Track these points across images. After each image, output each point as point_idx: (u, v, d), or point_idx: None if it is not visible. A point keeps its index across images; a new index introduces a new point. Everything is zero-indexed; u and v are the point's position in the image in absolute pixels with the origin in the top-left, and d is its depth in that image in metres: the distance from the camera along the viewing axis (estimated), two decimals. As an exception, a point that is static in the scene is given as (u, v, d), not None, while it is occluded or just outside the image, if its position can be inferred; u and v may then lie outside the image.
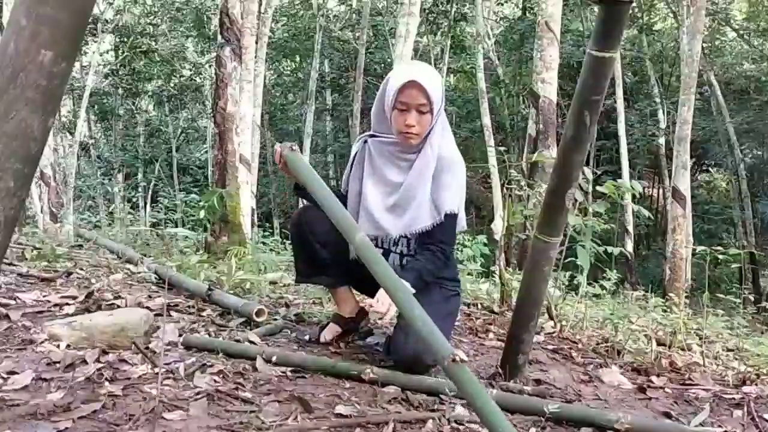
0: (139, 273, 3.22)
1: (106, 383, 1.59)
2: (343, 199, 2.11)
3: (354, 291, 2.34)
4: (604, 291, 3.55)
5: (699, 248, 3.09)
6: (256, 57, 8.07)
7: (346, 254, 2.14)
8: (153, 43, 17.50)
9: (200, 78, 18.41)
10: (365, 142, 2.15)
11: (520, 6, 18.61)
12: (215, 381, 1.70)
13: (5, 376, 1.59)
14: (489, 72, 15.72)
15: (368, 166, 2.11)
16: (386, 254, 2.10)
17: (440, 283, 2.10)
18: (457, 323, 2.72)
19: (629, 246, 12.55)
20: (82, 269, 3.17)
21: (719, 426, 1.87)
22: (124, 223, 6.02)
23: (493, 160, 12.89)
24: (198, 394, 1.59)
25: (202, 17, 17.08)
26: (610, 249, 2.97)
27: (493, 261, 4.29)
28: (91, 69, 15.20)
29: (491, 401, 1.43)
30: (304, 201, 2.27)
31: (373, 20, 15.55)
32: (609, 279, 3.50)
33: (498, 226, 10.22)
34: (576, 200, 2.70)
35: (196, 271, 3.23)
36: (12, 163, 1.09)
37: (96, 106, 18.53)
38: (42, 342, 1.85)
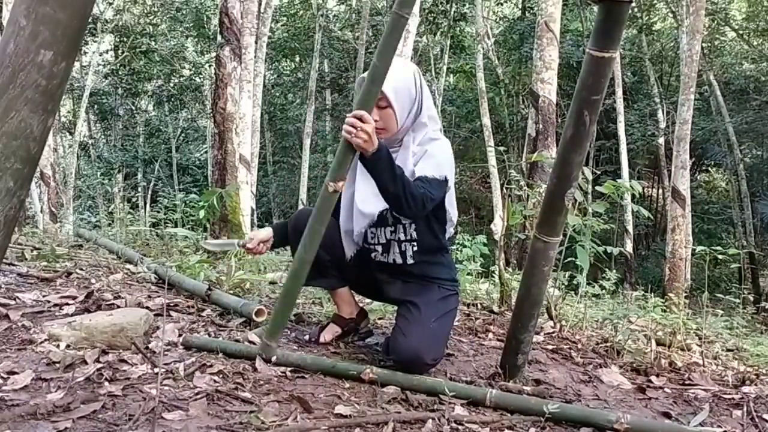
0: (139, 273, 3.22)
1: (106, 383, 1.59)
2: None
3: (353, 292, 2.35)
4: (604, 291, 3.55)
5: (698, 248, 3.09)
6: (255, 57, 8.06)
7: (345, 256, 2.15)
8: (153, 43, 17.52)
9: (200, 78, 18.43)
10: None
11: (520, 6, 18.65)
12: (215, 381, 1.70)
13: (5, 376, 1.59)
14: (489, 72, 15.72)
15: (360, 168, 2.12)
16: (388, 245, 2.10)
17: (439, 283, 2.11)
18: (456, 323, 2.73)
19: (629, 246, 12.54)
20: (82, 269, 3.17)
21: (719, 426, 1.87)
22: (124, 223, 6.01)
23: (492, 160, 12.91)
24: (198, 394, 1.59)
25: (202, 17, 17.09)
26: (609, 249, 2.97)
27: (492, 261, 4.29)
28: (91, 69, 15.23)
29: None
30: (303, 204, 2.28)
31: (373, 20, 15.55)
32: (608, 279, 3.50)
33: (498, 226, 10.21)
34: (576, 200, 2.70)
35: (195, 271, 3.22)
36: (12, 163, 1.09)
37: (96, 106, 18.57)
38: (42, 342, 1.85)
